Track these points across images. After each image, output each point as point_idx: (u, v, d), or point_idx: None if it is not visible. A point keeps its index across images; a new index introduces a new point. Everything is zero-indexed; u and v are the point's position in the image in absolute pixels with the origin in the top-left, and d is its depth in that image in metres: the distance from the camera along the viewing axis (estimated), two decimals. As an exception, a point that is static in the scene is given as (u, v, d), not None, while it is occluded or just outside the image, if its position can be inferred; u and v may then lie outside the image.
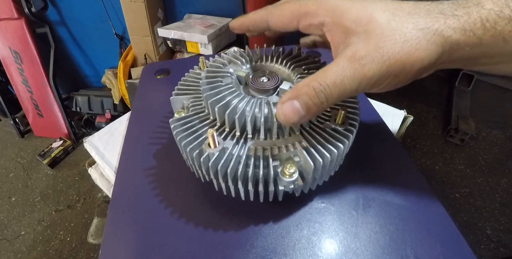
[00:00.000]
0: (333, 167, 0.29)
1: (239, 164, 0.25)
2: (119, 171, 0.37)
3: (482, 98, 1.64)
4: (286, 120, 0.22)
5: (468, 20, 0.19)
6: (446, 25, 0.19)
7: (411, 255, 0.26)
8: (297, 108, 0.21)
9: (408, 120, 0.59)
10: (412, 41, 0.19)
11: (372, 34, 0.20)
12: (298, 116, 0.21)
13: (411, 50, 0.19)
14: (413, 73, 0.21)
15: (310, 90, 0.21)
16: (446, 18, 0.19)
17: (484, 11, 0.19)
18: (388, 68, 0.20)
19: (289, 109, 0.21)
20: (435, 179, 1.28)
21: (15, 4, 1.31)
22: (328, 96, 0.21)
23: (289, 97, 0.22)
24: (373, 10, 0.20)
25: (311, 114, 0.22)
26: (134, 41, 1.45)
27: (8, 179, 1.44)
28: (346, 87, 0.20)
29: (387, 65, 0.20)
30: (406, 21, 0.20)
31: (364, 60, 0.20)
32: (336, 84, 0.20)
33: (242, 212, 0.31)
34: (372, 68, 0.20)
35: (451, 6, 0.20)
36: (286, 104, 0.22)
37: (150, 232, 0.29)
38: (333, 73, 0.20)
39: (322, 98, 0.21)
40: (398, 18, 0.20)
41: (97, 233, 1.04)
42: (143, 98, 0.49)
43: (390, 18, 0.20)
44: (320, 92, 0.21)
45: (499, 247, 1.04)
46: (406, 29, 0.20)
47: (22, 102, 1.55)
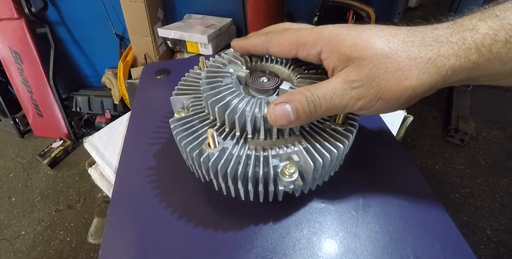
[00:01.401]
0: (333, 167, 0.29)
1: (239, 164, 0.25)
2: (119, 171, 0.37)
3: (482, 98, 1.64)
4: (275, 121, 0.23)
5: (463, 46, 0.19)
6: (440, 54, 0.20)
7: (411, 255, 0.26)
8: (288, 112, 0.22)
9: (408, 120, 0.59)
10: (404, 70, 0.20)
11: (366, 61, 0.21)
12: (287, 120, 0.22)
13: (401, 79, 0.20)
14: (403, 100, 0.21)
15: (302, 97, 0.22)
16: (440, 46, 0.20)
17: (479, 35, 0.19)
18: (376, 93, 0.21)
19: (280, 111, 0.22)
20: (435, 179, 1.28)
21: (15, 4, 1.31)
22: (317, 107, 0.22)
23: (282, 100, 0.22)
24: (369, 36, 0.21)
25: (299, 121, 0.23)
26: (134, 41, 1.45)
27: (8, 179, 1.44)
28: (334, 104, 0.22)
29: (375, 90, 0.21)
30: (400, 50, 0.20)
31: (354, 84, 0.21)
32: (326, 99, 0.22)
33: (242, 212, 0.31)
34: (361, 91, 0.21)
35: (445, 31, 0.20)
36: (278, 106, 0.22)
37: (150, 232, 0.29)
38: (325, 88, 0.22)
39: (312, 107, 0.22)
40: (392, 45, 0.20)
41: (97, 233, 1.04)
42: (143, 98, 0.49)
43: (384, 45, 0.20)
44: (311, 102, 0.22)
45: (499, 247, 1.04)
46: (400, 57, 0.20)
47: (22, 102, 1.55)
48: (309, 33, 0.23)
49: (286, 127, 0.24)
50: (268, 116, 0.23)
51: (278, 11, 1.24)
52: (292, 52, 0.25)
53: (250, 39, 0.28)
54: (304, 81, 0.28)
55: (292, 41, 0.24)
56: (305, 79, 0.28)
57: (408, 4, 2.50)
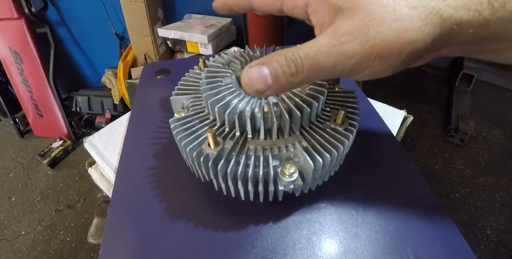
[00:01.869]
0: (333, 167, 0.29)
1: (239, 164, 0.25)
2: (119, 171, 0.37)
3: (482, 98, 1.64)
4: (250, 85, 0.20)
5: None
6: (446, 3, 0.17)
7: (411, 255, 0.26)
8: (264, 75, 0.19)
9: (408, 120, 0.59)
10: (404, 20, 0.17)
11: (358, 11, 0.18)
12: (264, 84, 0.19)
13: (401, 30, 0.17)
14: (403, 57, 0.18)
15: (281, 58, 0.19)
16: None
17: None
18: (372, 49, 0.18)
19: (256, 74, 0.19)
20: (435, 179, 1.28)
21: (15, 4, 1.31)
22: (298, 68, 0.19)
23: (258, 62, 0.19)
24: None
25: (278, 86, 0.19)
26: (134, 41, 1.45)
27: (8, 179, 1.44)
28: (319, 62, 0.18)
29: (371, 45, 0.17)
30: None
31: (344, 38, 0.18)
32: (309, 57, 0.18)
33: (242, 212, 0.31)
34: (352, 47, 0.18)
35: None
36: (254, 68, 0.19)
37: (150, 232, 0.29)
38: (308, 46, 0.19)
39: (292, 68, 0.19)
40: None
41: (97, 233, 1.04)
42: (143, 98, 0.49)
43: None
44: (291, 62, 0.18)
45: (499, 247, 1.04)
46: (398, 6, 0.17)
47: (22, 102, 1.55)
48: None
49: (264, 95, 0.20)
50: (242, 81, 0.20)
51: (278, 11, 1.24)
52: (277, 4, 0.22)
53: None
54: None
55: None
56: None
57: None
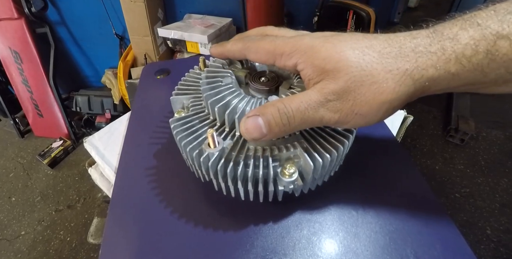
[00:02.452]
0: (333, 167, 0.29)
1: (238, 164, 0.25)
2: (119, 171, 0.37)
3: (482, 98, 1.64)
4: (247, 134, 0.22)
5: (442, 56, 0.19)
6: (417, 65, 0.19)
7: (411, 255, 0.26)
8: (259, 125, 0.21)
9: (408, 120, 0.59)
10: (380, 83, 0.19)
11: (341, 73, 0.20)
12: (259, 133, 0.22)
13: (378, 92, 0.20)
14: (381, 114, 0.21)
15: (275, 110, 0.21)
16: (418, 57, 0.19)
17: (460, 46, 0.18)
18: (353, 108, 0.20)
19: (252, 125, 0.22)
20: (435, 179, 1.28)
21: (15, 4, 1.31)
22: (290, 120, 0.21)
23: (254, 113, 0.22)
24: (343, 48, 0.20)
25: (272, 134, 0.22)
26: (134, 41, 1.45)
27: (8, 179, 1.44)
28: (309, 116, 0.21)
29: (351, 104, 0.20)
30: (375, 62, 0.20)
31: (330, 96, 0.20)
32: (300, 110, 0.21)
33: (242, 212, 0.31)
34: (337, 105, 0.20)
35: (425, 41, 0.19)
36: (250, 119, 0.22)
37: (150, 232, 0.29)
38: (299, 100, 0.21)
39: (284, 120, 0.21)
40: (367, 57, 0.20)
41: (97, 233, 1.04)
42: (143, 98, 0.49)
43: (359, 57, 0.20)
44: (284, 114, 0.21)
45: (499, 247, 1.04)
46: (375, 70, 0.19)
47: (22, 102, 1.55)
48: (285, 43, 0.23)
49: (260, 141, 0.23)
50: (240, 129, 0.23)
51: (278, 11, 1.24)
52: (270, 61, 0.24)
53: (227, 46, 0.27)
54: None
55: (269, 50, 0.24)
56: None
57: (408, 4, 2.50)
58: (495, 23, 0.18)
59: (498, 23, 0.17)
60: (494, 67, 0.18)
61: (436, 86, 0.20)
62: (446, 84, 0.19)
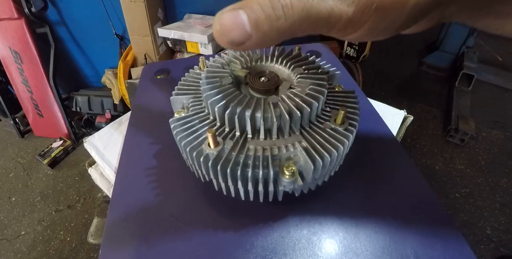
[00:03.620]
0: (333, 167, 0.29)
1: (238, 164, 0.25)
2: (119, 171, 0.37)
3: (482, 98, 1.64)
4: (222, 33, 0.15)
5: None
6: None
7: (411, 255, 0.26)
8: (241, 19, 0.15)
9: (408, 120, 0.59)
10: None
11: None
12: (241, 31, 0.15)
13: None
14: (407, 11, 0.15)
15: None
16: None
17: None
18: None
19: (230, 19, 0.15)
20: (435, 179, 1.28)
21: (15, 4, 1.31)
22: (287, 10, 0.14)
23: (234, 6, 0.15)
24: None
25: (260, 34, 0.15)
26: (134, 41, 1.45)
27: (8, 179, 1.44)
28: (313, 5, 0.14)
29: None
30: None
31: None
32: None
33: (242, 212, 0.31)
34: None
35: None
36: (227, 13, 0.15)
37: (150, 232, 0.29)
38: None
39: (278, 10, 0.14)
40: None
41: (97, 233, 1.04)
42: (143, 98, 0.49)
43: None
44: (277, 2, 0.14)
45: (499, 247, 1.04)
46: None
47: (22, 102, 1.55)
48: None
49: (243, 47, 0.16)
50: (213, 30, 0.16)
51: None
52: None
53: None
54: (304, 81, 0.28)
55: None
56: (305, 79, 0.28)
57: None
58: None
59: None
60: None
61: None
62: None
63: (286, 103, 0.26)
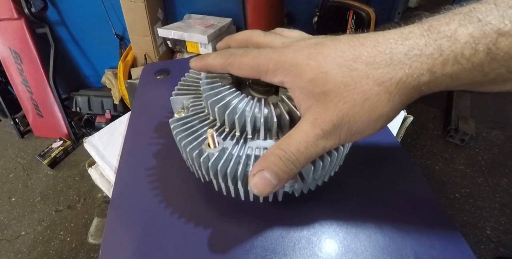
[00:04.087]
0: (333, 167, 0.29)
1: (239, 164, 0.25)
2: (119, 171, 0.37)
3: (482, 98, 1.64)
4: (259, 192, 0.21)
5: (439, 58, 0.17)
6: (412, 72, 0.18)
7: (411, 255, 0.26)
8: (268, 179, 0.21)
9: (408, 120, 0.59)
10: (373, 98, 0.18)
11: (330, 96, 0.19)
12: (271, 186, 0.21)
13: (372, 109, 0.19)
14: (378, 127, 0.20)
15: (276, 159, 0.21)
16: (413, 62, 0.18)
17: (459, 45, 0.17)
18: (350, 130, 0.20)
19: (260, 181, 0.21)
20: (435, 179, 1.28)
21: (15, 4, 1.31)
22: (295, 163, 0.21)
23: (257, 168, 0.21)
24: (328, 67, 0.19)
25: (283, 182, 0.21)
26: (134, 41, 1.45)
27: (8, 179, 1.44)
28: (311, 152, 0.20)
29: (348, 127, 0.20)
30: (364, 76, 0.18)
31: (325, 127, 0.20)
32: (301, 151, 0.20)
33: (242, 212, 0.31)
34: (333, 134, 0.20)
35: (419, 41, 0.18)
36: (256, 177, 0.21)
37: (150, 232, 0.29)
38: (297, 140, 0.20)
39: (290, 165, 0.21)
40: (355, 73, 0.19)
41: (97, 233, 1.04)
42: (143, 98, 0.49)
43: (346, 75, 0.19)
44: (287, 160, 0.20)
45: (499, 247, 1.04)
46: (367, 85, 0.18)
47: (22, 102, 1.55)
48: (269, 60, 0.21)
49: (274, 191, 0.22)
50: (252, 189, 0.22)
51: (278, 11, 1.24)
52: (255, 77, 0.23)
53: (208, 60, 0.26)
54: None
55: (253, 67, 0.22)
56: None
57: (408, 4, 2.49)
58: (496, 19, 0.16)
59: (499, 18, 0.16)
60: (495, 67, 0.17)
61: (432, 89, 0.19)
62: (444, 86, 0.18)
63: (286, 103, 0.26)
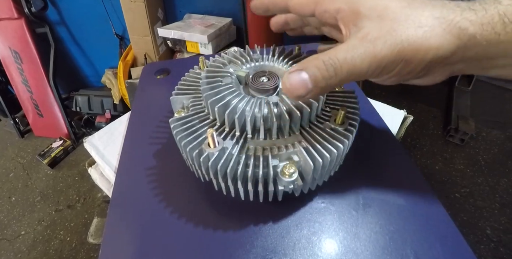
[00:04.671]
0: (333, 167, 0.29)
1: (238, 164, 0.25)
2: (119, 171, 0.37)
3: (482, 98, 1.64)
4: (291, 91, 0.21)
5: (486, 14, 0.19)
6: (463, 17, 0.19)
7: (411, 255, 0.26)
8: (304, 80, 0.20)
9: (408, 120, 0.59)
10: (427, 27, 0.19)
11: (385, 19, 0.20)
12: (305, 88, 0.21)
13: (426, 36, 0.19)
14: (426, 61, 0.20)
15: (319, 62, 0.20)
16: (463, 10, 0.19)
17: (502, 6, 0.18)
18: (400, 52, 0.19)
19: (296, 80, 0.21)
20: (435, 179, 1.28)
21: (15, 4, 1.31)
22: (337, 70, 0.20)
23: (297, 67, 0.21)
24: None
25: (318, 89, 0.21)
26: (134, 41, 1.45)
27: (8, 179, 1.44)
28: (356, 65, 0.20)
29: (399, 48, 0.19)
30: (421, 9, 0.20)
31: (376, 41, 0.20)
32: (347, 60, 0.20)
33: (242, 212, 0.31)
34: (384, 49, 0.19)
35: (467, 2, 0.19)
36: (293, 74, 0.21)
37: (150, 232, 0.29)
38: (344, 50, 0.20)
39: (331, 71, 0.20)
40: (413, 6, 0.20)
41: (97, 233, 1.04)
42: (143, 98, 0.49)
43: (405, 6, 0.20)
44: (330, 66, 0.20)
45: (499, 247, 1.04)
46: (422, 16, 0.19)
47: (22, 102, 1.55)
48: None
49: (305, 98, 0.22)
50: (283, 87, 0.21)
51: (278, 11, 1.24)
52: (311, 7, 0.23)
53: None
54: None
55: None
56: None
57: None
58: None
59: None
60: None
61: (477, 47, 0.19)
62: (486, 46, 0.19)
63: (286, 103, 0.26)
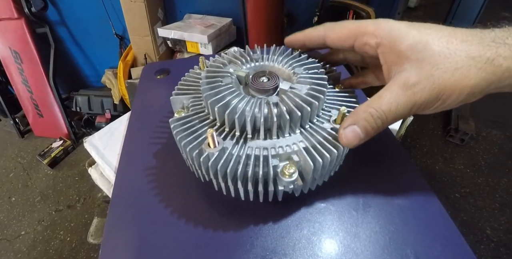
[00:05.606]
0: (333, 167, 0.29)
1: (238, 164, 0.25)
2: (119, 171, 0.37)
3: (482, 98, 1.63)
4: (348, 143, 0.24)
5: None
6: (498, 54, 0.20)
7: (411, 255, 0.26)
8: (358, 133, 0.24)
9: (408, 120, 0.59)
10: (463, 69, 0.21)
11: (425, 62, 0.21)
12: (359, 139, 0.24)
13: (461, 78, 0.21)
14: (461, 98, 0.22)
15: (368, 116, 0.23)
16: (498, 47, 0.20)
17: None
18: (438, 94, 0.22)
19: (351, 134, 0.24)
20: (435, 179, 1.28)
21: (15, 4, 1.31)
22: (384, 121, 0.23)
23: (349, 122, 0.24)
24: (429, 37, 0.22)
25: (369, 136, 0.24)
26: (134, 41, 1.45)
27: (8, 179, 1.44)
28: (399, 113, 0.23)
29: (437, 91, 0.21)
30: (459, 49, 0.21)
31: (416, 88, 0.22)
32: (391, 111, 0.23)
33: (242, 212, 0.31)
34: (423, 95, 0.22)
35: (502, 34, 0.21)
36: (347, 129, 0.24)
37: (150, 232, 0.29)
38: (388, 100, 0.23)
39: (379, 123, 0.23)
40: (451, 45, 0.21)
41: (97, 233, 1.04)
42: (143, 98, 0.49)
43: (443, 46, 0.21)
44: (377, 118, 0.23)
45: (499, 247, 1.04)
46: (459, 57, 0.21)
47: (22, 102, 1.55)
48: (370, 23, 0.24)
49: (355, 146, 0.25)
50: (340, 141, 0.24)
51: (278, 11, 1.24)
52: (350, 41, 0.25)
53: (306, 31, 0.29)
54: (304, 80, 0.28)
55: (352, 28, 0.25)
56: (305, 79, 0.28)
57: (408, 4, 2.50)
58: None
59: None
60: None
61: (507, 80, 0.21)
62: None
63: (286, 103, 0.26)
